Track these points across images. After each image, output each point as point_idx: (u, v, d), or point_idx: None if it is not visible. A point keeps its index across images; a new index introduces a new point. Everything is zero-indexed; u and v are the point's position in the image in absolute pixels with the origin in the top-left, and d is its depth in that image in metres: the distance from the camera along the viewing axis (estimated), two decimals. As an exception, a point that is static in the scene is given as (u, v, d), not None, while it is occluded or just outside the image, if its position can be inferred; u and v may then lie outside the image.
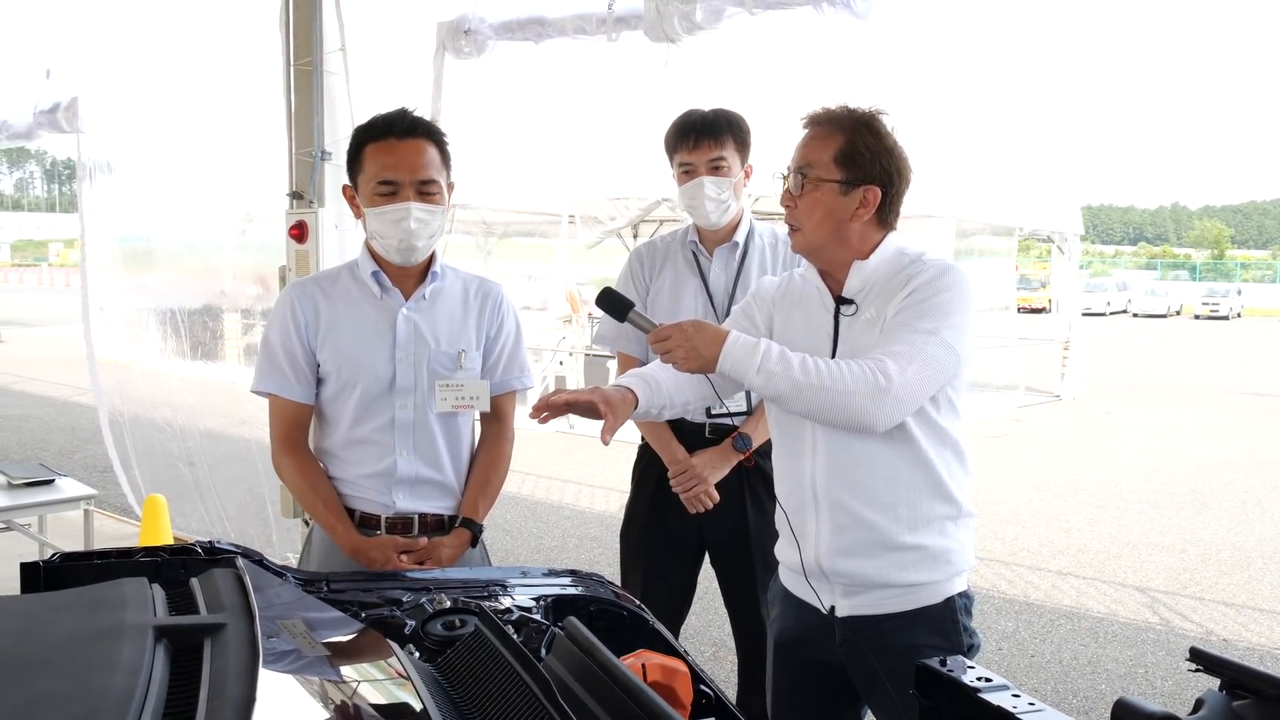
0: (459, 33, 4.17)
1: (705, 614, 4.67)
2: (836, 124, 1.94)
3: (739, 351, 1.85)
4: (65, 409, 11.75)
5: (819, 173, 1.93)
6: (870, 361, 1.83)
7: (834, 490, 1.98)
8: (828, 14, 3.21)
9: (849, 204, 1.93)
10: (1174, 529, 7.26)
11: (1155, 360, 20.79)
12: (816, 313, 2.05)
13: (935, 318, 1.87)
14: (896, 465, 1.95)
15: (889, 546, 1.96)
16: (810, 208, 1.95)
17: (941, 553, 1.98)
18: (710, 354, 1.86)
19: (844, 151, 1.92)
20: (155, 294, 6.22)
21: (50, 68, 6.16)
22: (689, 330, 1.86)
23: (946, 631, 1.99)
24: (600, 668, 1.17)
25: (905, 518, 1.96)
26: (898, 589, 1.98)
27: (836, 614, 2.03)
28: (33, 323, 24.73)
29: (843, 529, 1.98)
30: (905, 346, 1.85)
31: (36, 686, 0.88)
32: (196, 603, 1.14)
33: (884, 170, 1.94)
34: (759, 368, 1.83)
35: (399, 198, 2.22)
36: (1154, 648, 4.94)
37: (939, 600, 2.00)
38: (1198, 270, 59.18)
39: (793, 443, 2.05)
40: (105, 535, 5.38)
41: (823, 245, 1.98)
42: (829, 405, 1.82)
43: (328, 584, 1.76)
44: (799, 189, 1.95)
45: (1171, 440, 11.04)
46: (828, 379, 1.81)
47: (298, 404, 2.33)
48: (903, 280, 1.94)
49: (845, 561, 1.98)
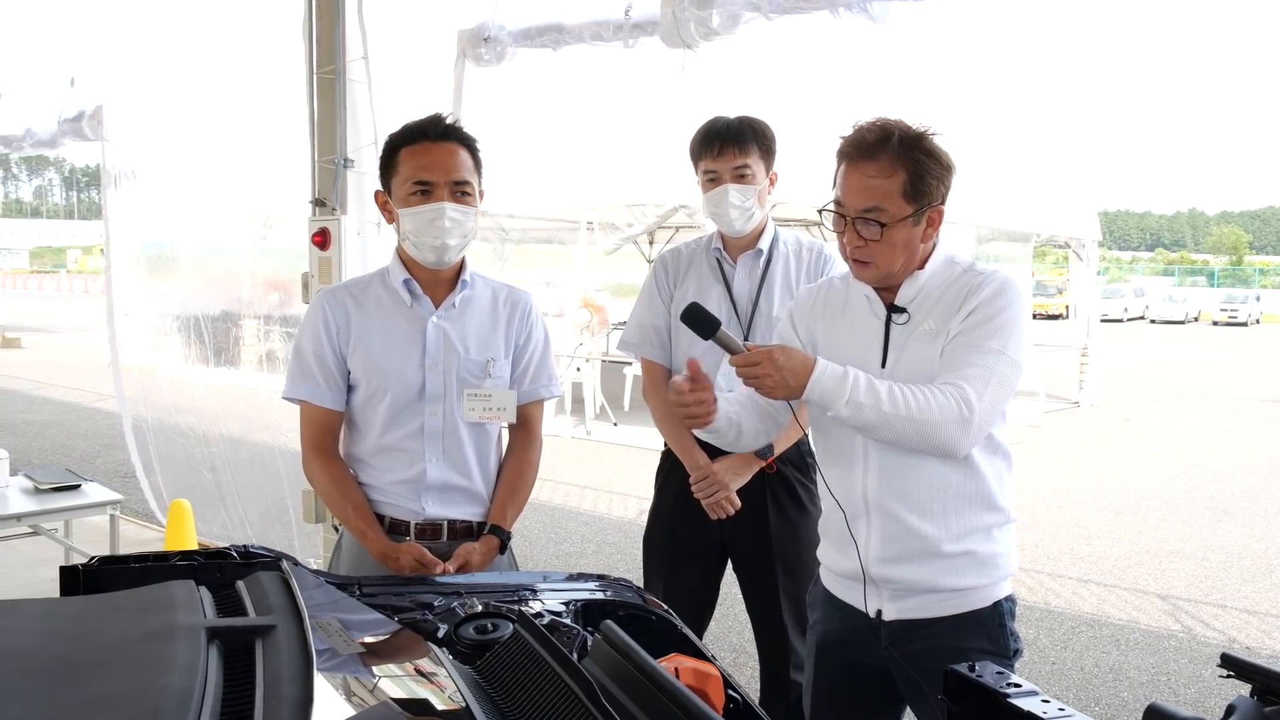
0: (479, 40, 4.20)
1: (725, 620, 4.67)
2: (893, 156, 1.89)
3: (828, 382, 1.85)
4: (86, 414, 11.83)
5: (892, 213, 1.90)
6: (951, 389, 1.85)
7: (885, 500, 1.99)
8: (844, 19, 3.22)
9: (920, 230, 1.95)
10: (1195, 536, 7.23)
11: (1174, 367, 20.68)
12: (865, 320, 2.05)
13: (1002, 335, 1.90)
14: (947, 475, 1.96)
15: (938, 554, 1.98)
16: (887, 247, 1.93)
17: (989, 557, 2.01)
18: (798, 383, 1.85)
19: (911, 184, 1.90)
20: (177, 300, 6.28)
21: (75, 76, 6.23)
22: (779, 359, 1.85)
23: (994, 635, 2.01)
24: (639, 670, 1.18)
25: (954, 526, 1.98)
26: (945, 593, 2.00)
27: (883, 618, 2.04)
28: (52, 329, 24.92)
29: (892, 538, 1.99)
30: (979, 370, 1.87)
31: (96, 687, 0.90)
32: (244, 605, 1.16)
33: (945, 189, 1.95)
34: (848, 399, 1.84)
35: (434, 197, 2.25)
36: (1176, 655, 4.92)
37: (987, 605, 2.02)
38: (1216, 276, 58.88)
39: (842, 451, 2.06)
40: (129, 540, 5.42)
41: (895, 273, 1.98)
42: (916, 435, 1.85)
43: (359, 588, 1.78)
44: (875, 234, 1.91)
45: (1191, 447, 10.98)
46: (915, 410, 1.83)
47: (328, 410, 2.35)
48: (960, 292, 1.95)
49: (894, 569, 2.00)
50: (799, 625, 2.87)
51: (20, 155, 8.55)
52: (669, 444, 2.93)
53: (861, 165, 1.92)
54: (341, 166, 4.35)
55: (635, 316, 2.98)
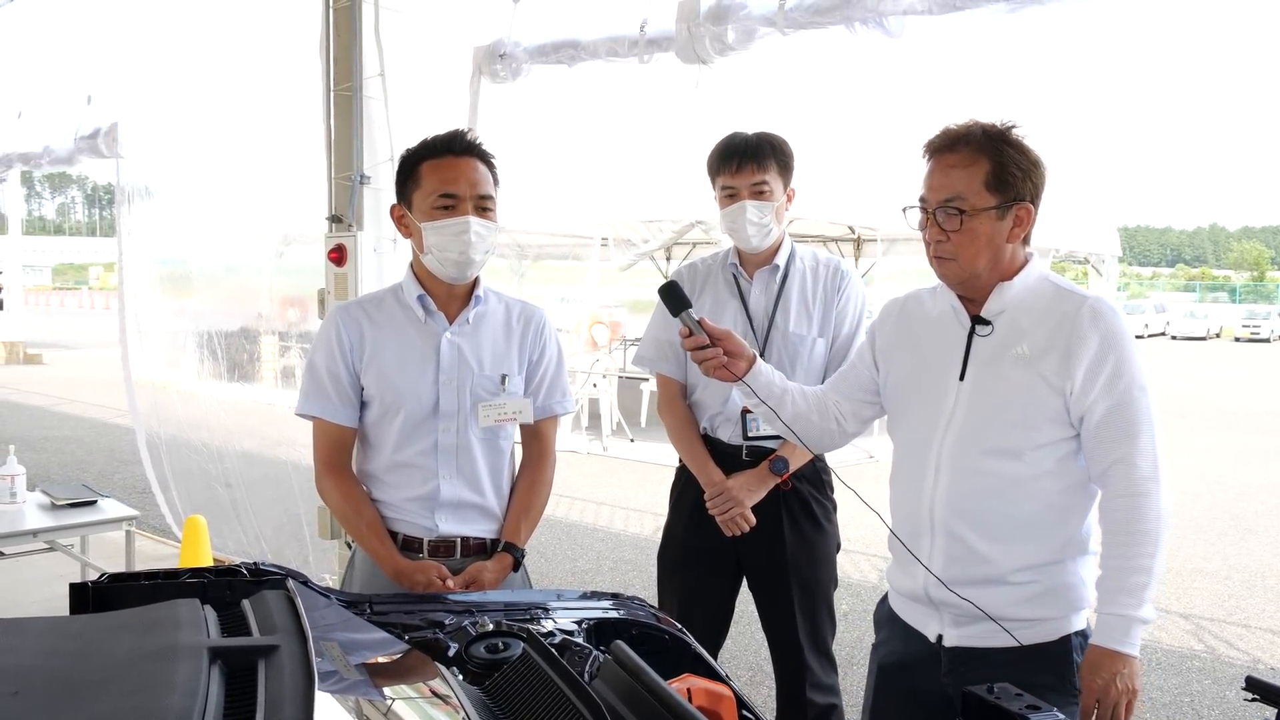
0: (495, 57, 4.21)
1: (741, 638, 4.63)
2: (976, 146, 1.88)
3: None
4: (105, 431, 11.89)
5: (973, 202, 1.87)
6: (1135, 477, 1.84)
7: (951, 520, 1.94)
8: (860, 33, 3.20)
9: (1005, 227, 1.89)
10: (1218, 555, 7.14)
11: (1195, 383, 20.50)
12: (948, 329, 2.01)
13: (1138, 374, 1.87)
14: (1018, 500, 1.91)
15: (1003, 581, 1.92)
16: (969, 240, 1.88)
17: (1060, 589, 1.93)
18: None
19: (994, 174, 1.86)
20: (193, 317, 6.30)
21: (91, 94, 6.27)
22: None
23: (1061, 670, 1.92)
24: (649, 691, 1.16)
25: (1023, 554, 1.91)
26: (1011, 623, 1.91)
27: (944, 643, 1.99)
28: (73, 345, 25.09)
29: (956, 559, 1.94)
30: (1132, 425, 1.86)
31: (96, 706, 0.88)
32: (249, 624, 1.15)
33: (1034, 186, 1.90)
34: None
35: (459, 211, 2.24)
36: (1200, 676, 4.85)
37: (1055, 638, 1.94)
38: (1237, 292, 58.49)
39: (914, 468, 2.02)
40: (145, 556, 5.43)
41: (980, 274, 1.92)
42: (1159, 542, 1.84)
43: (371, 606, 1.76)
44: (956, 224, 1.88)
45: (1214, 465, 10.86)
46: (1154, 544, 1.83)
47: (341, 427, 2.34)
48: (1067, 323, 1.89)
49: (957, 592, 1.93)
50: (814, 643, 2.85)
51: (40, 173, 8.63)
52: (684, 460, 2.91)
53: (944, 157, 1.90)
54: (358, 183, 4.36)
55: (651, 332, 2.96)
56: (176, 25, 5.78)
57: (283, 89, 5.08)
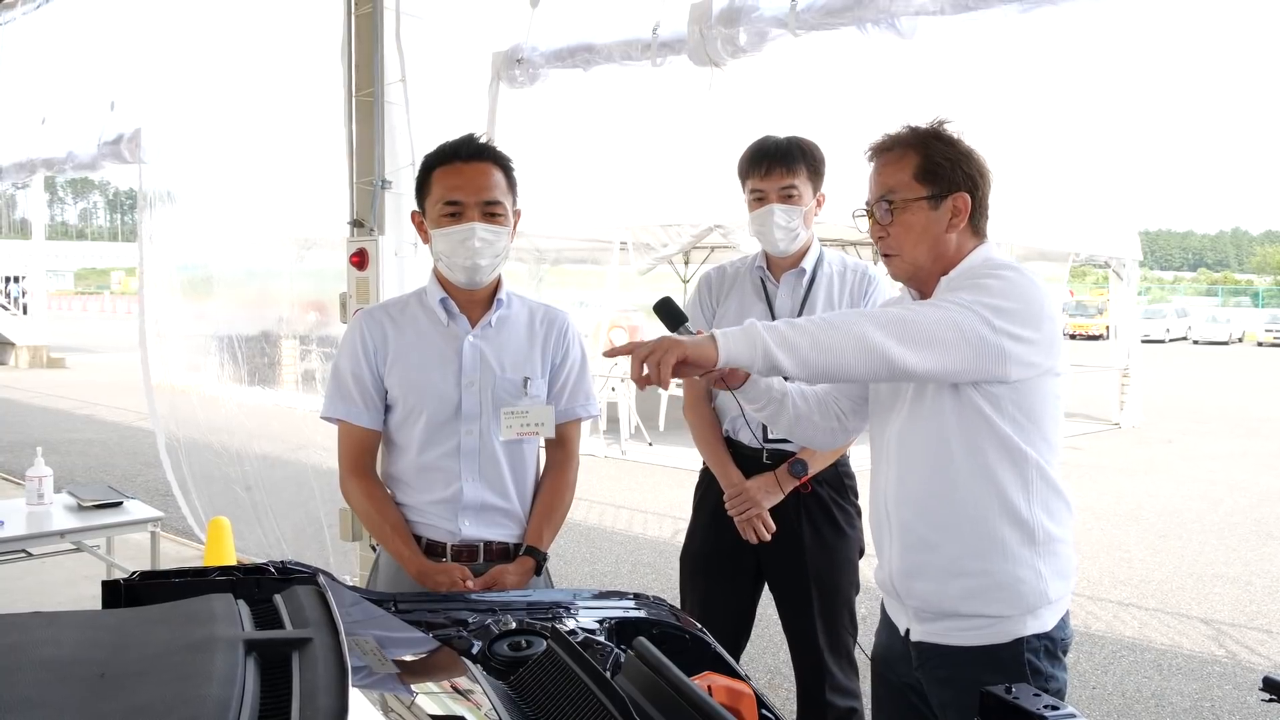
0: (513, 62, 4.24)
1: (761, 640, 4.64)
2: (905, 144, 1.94)
3: (735, 339, 1.77)
4: (128, 433, 11.99)
5: (904, 194, 1.91)
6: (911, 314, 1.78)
7: (901, 509, 1.95)
8: (872, 35, 3.20)
9: (941, 217, 1.91)
10: (1239, 560, 7.09)
11: (1217, 388, 20.36)
12: None
13: (973, 291, 1.79)
14: (957, 481, 1.87)
15: (954, 572, 1.88)
16: (904, 232, 1.93)
17: (1009, 583, 1.86)
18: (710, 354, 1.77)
19: (922, 167, 1.91)
20: (214, 321, 6.34)
21: (114, 100, 6.33)
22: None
23: (1012, 676, 1.79)
24: (672, 687, 1.18)
25: (970, 541, 1.87)
26: (964, 620, 1.89)
27: (910, 637, 2.00)
28: (96, 349, 25.28)
29: (910, 547, 1.94)
30: (929, 306, 1.81)
31: (136, 696, 0.91)
32: (281, 618, 1.17)
33: (966, 175, 1.92)
34: (767, 345, 1.75)
35: (464, 218, 2.27)
36: (1220, 681, 4.82)
37: (1006, 640, 1.87)
38: (1260, 297, 57.94)
39: (876, 459, 2.05)
40: (169, 557, 5.48)
41: (923, 265, 1.94)
42: (854, 348, 1.72)
43: (395, 604, 1.79)
44: (888, 217, 1.93)
45: (1235, 470, 10.79)
46: (839, 319, 1.77)
47: (366, 430, 2.37)
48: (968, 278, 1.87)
49: (913, 583, 1.94)
50: (834, 647, 2.85)
51: (63, 178, 8.73)
52: (706, 460, 2.93)
53: (879, 158, 1.97)
54: (379, 188, 4.40)
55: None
56: (199, 32, 5.84)
57: (304, 94, 5.11)
